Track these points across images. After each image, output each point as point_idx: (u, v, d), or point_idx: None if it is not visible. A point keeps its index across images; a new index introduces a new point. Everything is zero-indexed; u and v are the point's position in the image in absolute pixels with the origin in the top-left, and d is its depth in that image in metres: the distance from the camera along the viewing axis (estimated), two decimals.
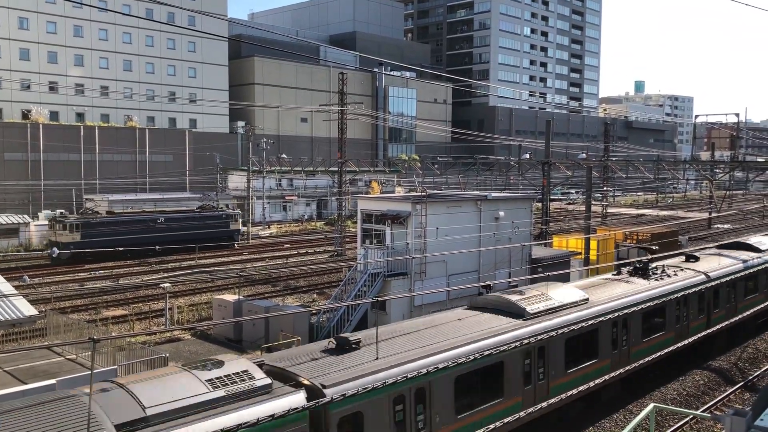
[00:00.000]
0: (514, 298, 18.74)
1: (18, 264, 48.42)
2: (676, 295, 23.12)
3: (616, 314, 20.24)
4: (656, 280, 23.57)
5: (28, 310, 22.38)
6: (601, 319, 19.53)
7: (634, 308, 21.00)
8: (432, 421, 14.45)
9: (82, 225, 50.58)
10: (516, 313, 18.03)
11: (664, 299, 22.47)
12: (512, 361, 16.62)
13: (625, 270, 24.87)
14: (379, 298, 19.32)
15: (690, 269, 25.81)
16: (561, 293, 19.81)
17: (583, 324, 18.87)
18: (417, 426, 14.14)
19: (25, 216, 62.04)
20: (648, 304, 21.60)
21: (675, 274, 24.68)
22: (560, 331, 18.04)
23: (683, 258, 28.07)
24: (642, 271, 24.25)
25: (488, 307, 18.70)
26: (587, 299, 20.09)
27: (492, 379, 16.19)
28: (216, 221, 58.48)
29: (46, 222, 55.77)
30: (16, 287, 34.27)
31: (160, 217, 54.84)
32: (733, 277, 26.83)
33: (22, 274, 42.62)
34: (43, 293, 37.32)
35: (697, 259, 27.71)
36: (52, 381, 17.37)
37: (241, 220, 62.08)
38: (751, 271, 28.38)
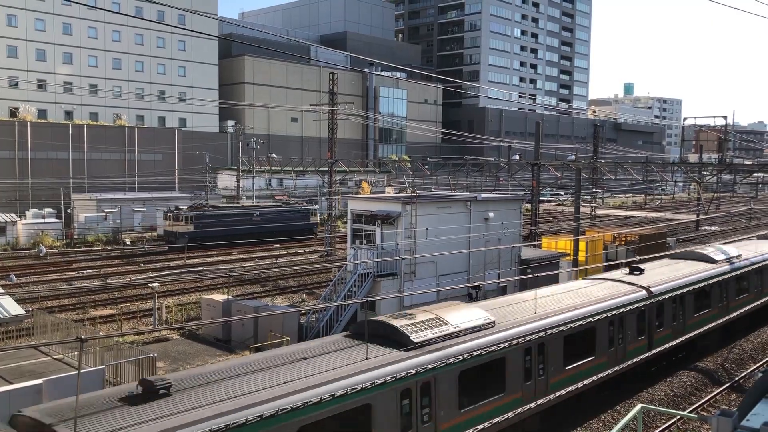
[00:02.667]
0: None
1: (4, 263, 48.05)
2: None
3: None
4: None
5: (15, 309, 22.25)
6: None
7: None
8: None
9: (194, 217, 56.61)
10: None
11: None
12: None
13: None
14: (368, 299, 19.35)
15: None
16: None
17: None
18: None
19: (12, 215, 61.57)
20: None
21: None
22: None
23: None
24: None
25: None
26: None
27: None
28: (300, 215, 64.37)
29: (28, 219, 55.46)
30: (3, 286, 34.04)
31: (257, 211, 61.22)
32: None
33: (8, 273, 42.29)
34: (30, 292, 37.04)
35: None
36: (39, 381, 17.26)
37: (318, 215, 68.12)
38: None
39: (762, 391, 8.80)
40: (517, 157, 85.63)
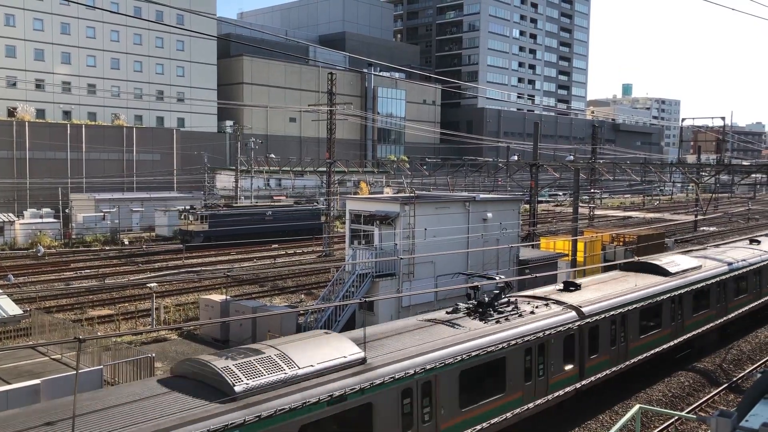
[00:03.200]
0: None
1: (2, 263, 47.96)
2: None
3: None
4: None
5: (13, 309, 22.21)
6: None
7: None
8: None
9: (209, 216, 57.74)
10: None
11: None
12: None
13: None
14: (367, 299, 19.27)
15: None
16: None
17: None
18: None
19: (10, 214, 61.50)
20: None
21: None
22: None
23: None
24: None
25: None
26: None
27: None
28: (310, 214, 65.02)
29: (25, 219, 55.33)
30: (1, 286, 33.99)
31: (269, 210, 62.51)
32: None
33: (6, 273, 42.23)
34: (28, 292, 36.99)
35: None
36: (37, 381, 17.24)
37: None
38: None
39: (761, 392, 8.80)
40: (516, 157, 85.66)
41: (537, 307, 19.16)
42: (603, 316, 20.29)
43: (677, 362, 25.05)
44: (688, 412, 20.52)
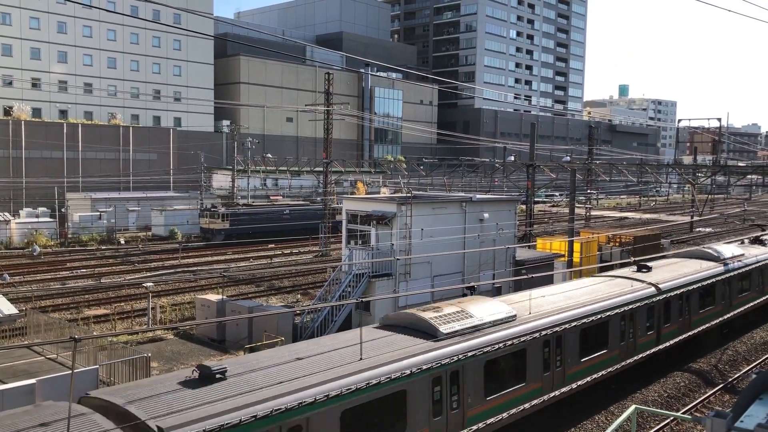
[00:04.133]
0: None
1: None
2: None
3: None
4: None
5: (8, 308, 22.16)
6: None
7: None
8: None
9: (230, 215, 59.90)
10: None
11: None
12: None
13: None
14: (363, 299, 19.30)
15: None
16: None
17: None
18: None
19: (6, 214, 61.33)
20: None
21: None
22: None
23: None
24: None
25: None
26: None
27: None
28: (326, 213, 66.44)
29: (21, 219, 55.21)
30: None
31: (286, 209, 64.11)
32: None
33: (1, 272, 42.11)
34: (23, 292, 36.90)
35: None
36: (32, 381, 17.20)
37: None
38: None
39: (756, 392, 8.82)
40: (512, 158, 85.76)
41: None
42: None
43: (675, 362, 25.10)
44: (683, 413, 20.56)
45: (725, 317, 27.98)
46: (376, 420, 13.89)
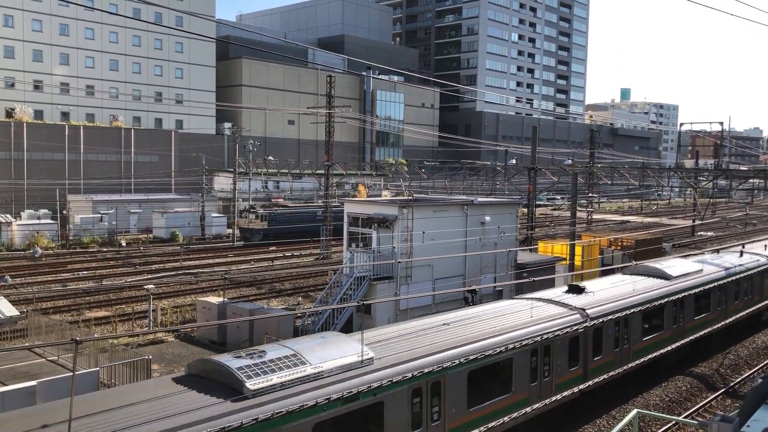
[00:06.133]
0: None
1: None
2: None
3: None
4: None
5: (9, 310, 22.15)
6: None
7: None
8: None
9: (268, 215, 62.90)
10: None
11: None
12: None
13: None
14: (364, 302, 19.23)
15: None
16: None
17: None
18: None
19: (8, 215, 61.37)
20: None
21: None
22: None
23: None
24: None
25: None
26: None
27: None
28: None
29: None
30: None
31: (320, 210, 64.34)
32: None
33: (3, 274, 42.10)
34: (24, 294, 36.89)
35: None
36: (33, 383, 17.16)
37: None
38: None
39: (762, 397, 8.76)
40: (514, 161, 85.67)
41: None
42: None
43: (675, 366, 25.03)
44: (685, 417, 20.48)
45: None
46: None
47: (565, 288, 22.51)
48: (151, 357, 21.01)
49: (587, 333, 19.67)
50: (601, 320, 20.26)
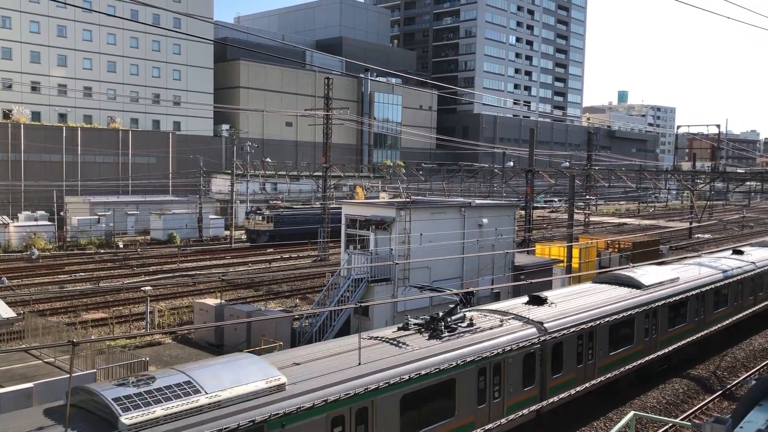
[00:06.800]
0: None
1: None
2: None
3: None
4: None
5: (6, 312, 22.12)
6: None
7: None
8: None
9: (274, 217, 63.39)
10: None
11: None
12: None
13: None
14: (362, 304, 19.16)
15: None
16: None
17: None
18: None
19: (5, 217, 61.30)
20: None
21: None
22: None
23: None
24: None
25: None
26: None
27: None
28: None
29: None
30: None
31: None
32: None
33: (0, 275, 42.05)
34: (21, 295, 36.84)
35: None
36: (30, 384, 17.15)
37: None
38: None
39: (755, 399, 8.81)
40: (511, 163, 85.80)
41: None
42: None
43: (675, 367, 25.07)
44: (682, 419, 20.53)
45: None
46: None
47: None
48: (148, 359, 20.99)
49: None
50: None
